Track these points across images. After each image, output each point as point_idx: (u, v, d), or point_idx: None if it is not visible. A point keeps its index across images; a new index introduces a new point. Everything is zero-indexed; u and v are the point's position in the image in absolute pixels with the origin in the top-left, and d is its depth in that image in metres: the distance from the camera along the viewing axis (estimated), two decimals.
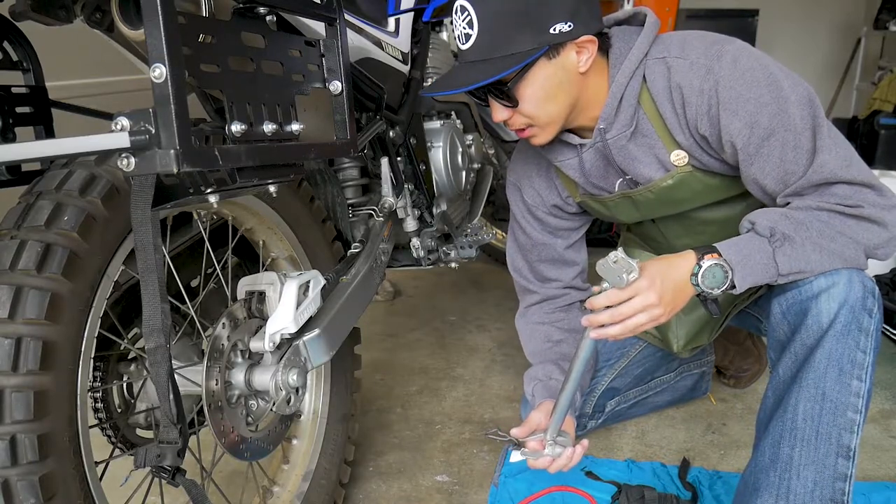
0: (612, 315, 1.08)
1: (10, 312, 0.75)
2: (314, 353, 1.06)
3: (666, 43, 1.19)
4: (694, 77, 1.13)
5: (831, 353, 1.09)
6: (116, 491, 0.99)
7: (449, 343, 2.22)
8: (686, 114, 1.16)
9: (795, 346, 1.13)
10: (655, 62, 1.18)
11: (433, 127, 1.69)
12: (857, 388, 1.09)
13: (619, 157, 1.26)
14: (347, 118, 1.02)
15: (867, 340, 1.10)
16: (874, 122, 4.09)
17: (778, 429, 1.13)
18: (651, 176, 1.26)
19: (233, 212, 1.11)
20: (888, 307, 2.17)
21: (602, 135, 1.24)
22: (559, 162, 1.33)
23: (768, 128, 1.10)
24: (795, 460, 1.10)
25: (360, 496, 1.46)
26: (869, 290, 1.11)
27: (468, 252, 1.84)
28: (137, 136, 0.69)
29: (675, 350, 1.48)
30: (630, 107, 1.20)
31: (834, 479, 1.09)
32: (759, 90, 1.10)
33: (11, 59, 1.01)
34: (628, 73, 1.18)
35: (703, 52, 1.14)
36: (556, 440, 1.21)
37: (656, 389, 1.68)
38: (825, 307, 1.09)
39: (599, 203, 1.37)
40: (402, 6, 1.50)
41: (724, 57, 1.12)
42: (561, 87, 1.17)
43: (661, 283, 1.08)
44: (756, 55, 1.14)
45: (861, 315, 1.09)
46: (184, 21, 0.72)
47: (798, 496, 1.09)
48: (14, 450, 0.74)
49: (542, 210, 1.44)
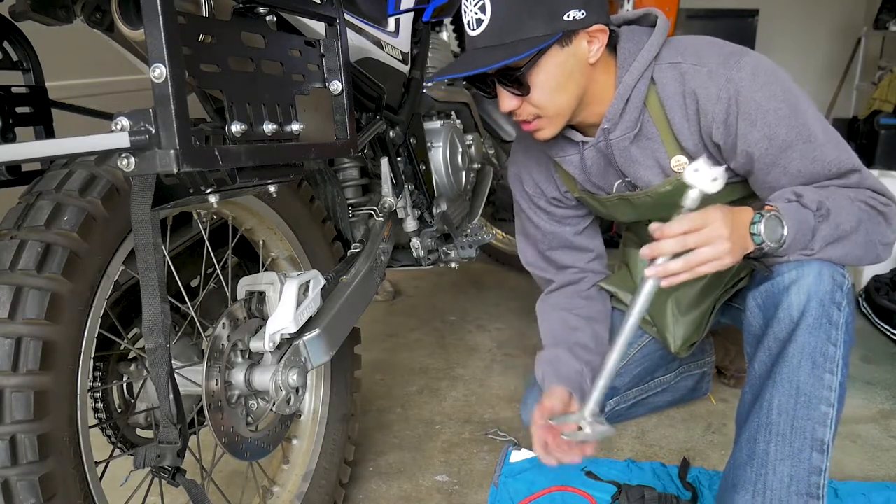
0: (681, 243, 0.99)
1: (10, 312, 0.75)
2: (314, 353, 1.06)
3: (679, 49, 1.19)
4: (712, 85, 1.14)
5: (804, 346, 1.10)
6: (116, 491, 0.99)
7: (449, 343, 2.22)
8: (700, 121, 1.17)
9: (769, 340, 1.14)
10: (668, 67, 1.19)
11: (433, 127, 1.69)
12: (829, 382, 1.10)
13: (621, 159, 1.26)
14: (347, 118, 1.02)
15: (838, 334, 1.11)
16: (874, 122, 4.09)
17: (754, 424, 1.14)
18: (650, 180, 1.26)
19: (233, 212, 1.11)
20: (888, 307, 2.17)
21: (605, 135, 1.24)
22: (560, 157, 1.33)
23: (786, 139, 1.12)
24: (771, 455, 1.11)
25: (360, 496, 1.46)
26: (838, 283, 1.12)
27: (468, 252, 1.84)
28: (137, 136, 0.68)
29: (672, 350, 1.49)
30: (636, 109, 1.21)
31: (809, 473, 1.10)
32: (777, 102, 1.12)
33: (11, 59, 1.01)
34: (636, 75, 1.18)
35: (722, 61, 1.14)
36: (598, 419, 1.08)
37: (656, 390, 1.68)
38: (795, 300, 1.10)
39: (597, 201, 1.38)
40: (402, 6, 1.50)
41: (744, 68, 1.13)
42: (571, 77, 1.16)
43: (732, 219, 1.02)
44: (772, 67, 1.16)
45: (830, 308, 1.10)
46: (184, 21, 0.72)
47: (774, 491, 1.10)
48: (14, 450, 0.74)
49: (543, 200, 1.45)
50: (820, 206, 1.08)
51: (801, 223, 1.07)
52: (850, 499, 1.37)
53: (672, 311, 1.48)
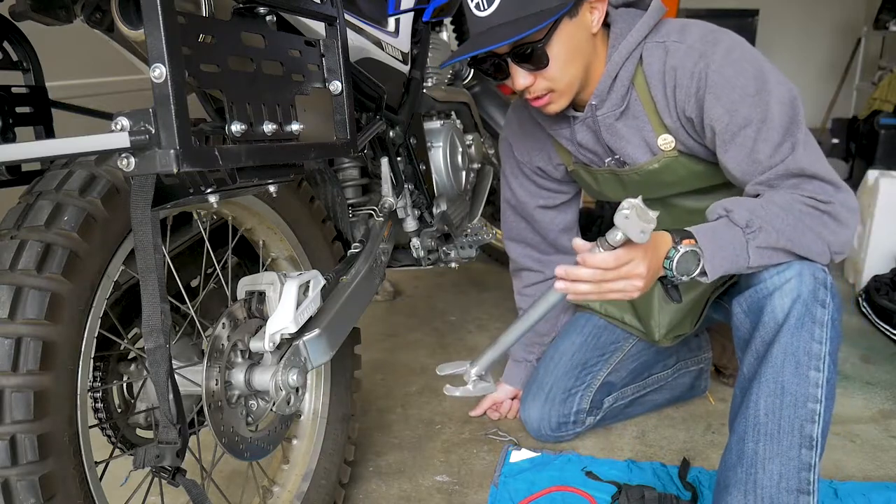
0: (599, 275, 1.03)
1: (10, 312, 0.75)
2: (314, 353, 1.06)
3: (667, 28, 1.22)
4: (688, 60, 1.17)
5: (787, 346, 1.11)
6: (116, 491, 0.99)
7: (449, 343, 2.22)
8: (676, 95, 1.20)
9: (755, 344, 1.15)
10: (655, 45, 1.22)
11: (433, 127, 1.69)
12: (815, 379, 1.11)
13: (607, 135, 1.29)
14: (347, 118, 1.02)
15: (822, 331, 1.12)
16: (874, 122, 4.09)
17: (742, 425, 1.15)
18: (637, 157, 1.29)
19: (233, 212, 1.11)
20: (888, 307, 2.17)
21: (593, 111, 1.28)
22: (553, 131, 1.38)
23: (747, 117, 1.13)
24: (760, 454, 1.12)
25: (360, 496, 1.46)
26: (820, 281, 1.13)
27: (468, 252, 1.84)
28: (137, 136, 0.68)
29: (656, 338, 1.49)
30: (623, 87, 1.24)
31: (799, 470, 1.10)
32: (745, 80, 1.13)
33: (11, 59, 1.00)
34: (625, 54, 1.22)
35: (700, 37, 1.18)
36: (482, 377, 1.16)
37: (654, 386, 1.68)
38: (779, 303, 1.12)
39: (590, 175, 1.41)
40: (402, 6, 1.50)
41: (720, 44, 1.16)
42: (580, 48, 1.20)
43: (651, 258, 1.05)
44: (750, 49, 1.18)
45: (814, 307, 1.11)
46: (184, 21, 0.72)
47: (765, 489, 1.11)
48: (14, 450, 0.74)
49: (528, 168, 1.51)
50: (750, 223, 1.08)
51: (729, 243, 1.08)
52: (849, 499, 1.37)
53: (658, 298, 1.49)
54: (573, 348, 1.61)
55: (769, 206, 1.10)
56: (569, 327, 1.65)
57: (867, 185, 2.54)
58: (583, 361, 1.59)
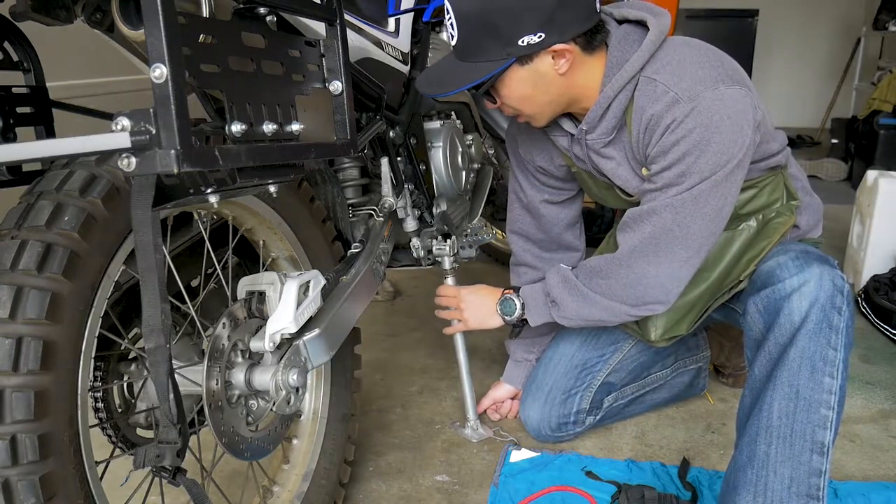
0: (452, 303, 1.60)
1: (11, 312, 0.75)
2: (314, 353, 1.06)
3: (664, 61, 1.19)
4: (668, 115, 1.16)
5: (804, 351, 1.11)
6: (116, 491, 0.99)
7: (449, 343, 2.21)
8: (645, 139, 1.21)
9: (769, 345, 1.15)
10: (646, 82, 1.20)
11: (433, 127, 1.69)
12: (829, 385, 1.11)
13: (597, 157, 1.32)
14: (347, 118, 1.02)
15: (838, 338, 1.12)
16: (874, 123, 4.09)
17: (754, 427, 1.15)
18: (626, 182, 1.31)
19: (233, 212, 1.11)
20: (888, 307, 2.17)
21: (583, 134, 1.29)
22: (553, 137, 1.40)
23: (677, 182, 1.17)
24: (772, 457, 1.12)
25: (360, 496, 1.46)
26: (838, 287, 1.13)
27: (468, 252, 1.84)
28: (138, 136, 0.68)
29: (652, 339, 1.49)
30: (614, 118, 1.25)
31: (809, 475, 1.10)
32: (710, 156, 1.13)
33: (12, 59, 1.00)
34: (617, 88, 1.21)
35: (693, 82, 1.14)
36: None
37: (653, 386, 1.69)
38: (797, 306, 1.12)
39: (591, 179, 1.42)
40: (402, 6, 1.50)
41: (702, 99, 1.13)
42: (537, 88, 1.21)
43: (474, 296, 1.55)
44: (739, 98, 1.14)
45: (831, 313, 1.12)
46: (184, 21, 0.72)
47: (775, 493, 1.11)
48: (14, 450, 0.74)
49: (531, 166, 1.53)
50: (548, 294, 1.40)
51: (534, 306, 1.44)
52: (849, 499, 1.37)
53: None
54: (572, 349, 1.61)
55: (578, 284, 1.34)
56: (568, 328, 1.65)
57: (866, 185, 2.54)
58: (582, 362, 1.59)
